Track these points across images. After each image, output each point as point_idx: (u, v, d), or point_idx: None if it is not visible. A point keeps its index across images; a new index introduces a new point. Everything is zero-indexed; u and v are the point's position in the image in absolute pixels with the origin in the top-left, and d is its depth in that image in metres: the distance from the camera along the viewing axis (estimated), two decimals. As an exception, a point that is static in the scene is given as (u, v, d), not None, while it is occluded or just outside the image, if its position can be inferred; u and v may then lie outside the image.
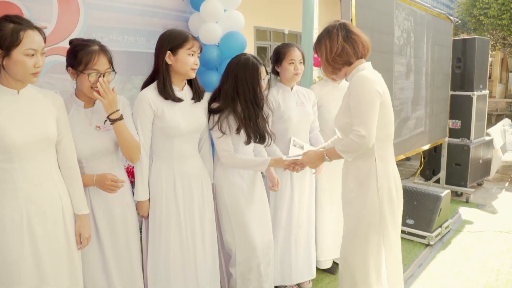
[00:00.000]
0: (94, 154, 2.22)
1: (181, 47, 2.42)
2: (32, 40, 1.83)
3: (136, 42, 3.57)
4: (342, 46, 2.29)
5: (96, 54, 2.13)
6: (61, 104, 2.06)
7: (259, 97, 2.66)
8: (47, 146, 1.96)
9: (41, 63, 1.87)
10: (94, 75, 2.13)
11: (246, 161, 2.66)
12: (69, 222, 2.05)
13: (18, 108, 1.90)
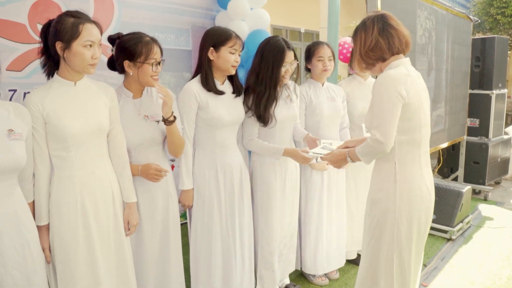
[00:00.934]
0: (142, 144, 2.32)
1: (224, 44, 2.53)
2: (90, 32, 1.93)
3: (166, 39, 3.68)
4: (376, 40, 2.11)
5: (153, 44, 2.25)
6: (113, 95, 2.17)
7: (276, 78, 2.74)
8: (100, 136, 2.07)
9: (98, 54, 1.97)
10: (154, 64, 2.25)
11: (263, 147, 2.78)
12: (118, 209, 2.16)
13: (74, 99, 2.01)
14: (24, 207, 1.87)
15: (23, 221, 1.83)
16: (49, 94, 1.97)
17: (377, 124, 2.04)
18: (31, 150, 1.93)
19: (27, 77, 2.78)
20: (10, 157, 1.74)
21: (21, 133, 1.82)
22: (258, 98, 2.72)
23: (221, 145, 2.63)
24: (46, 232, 1.99)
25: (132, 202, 2.21)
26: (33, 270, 1.84)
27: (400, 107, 2.02)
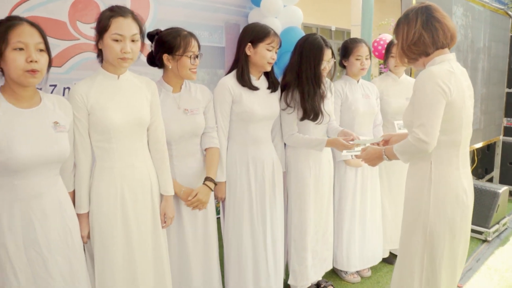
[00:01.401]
0: (182, 136, 2.37)
1: (262, 41, 2.56)
2: (119, 26, 1.95)
3: (199, 36, 3.68)
4: (419, 34, 2.02)
5: (191, 38, 2.31)
6: (155, 89, 2.21)
7: (318, 76, 2.76)
8: (141, 129, 2.11)
9: (128, 49, 1.96)
10: (192, 57, 2.29)
11: (305, 140, 2.78)
12: (156, 201, 2.20)
13: (117, 92, 2.06)
14: (65, 196, 1.92)
15: (65, 209, 1.89)
16: (93, 86, 2.02)
17: (419, 122, 1.96)
18: (72, 141, 1.99)
19: (67, 72, 2.85)
20: (57, 149, 1.79)
21: (64, 125, 1.87)
22: (305, 96, 2.73)
23: (254, 140, 2.66)
24: (85, 220, 2.05)
25: (170, 195, 2.25)
26: (74, 257, 1.89)
27: (444, 106, 1.95)
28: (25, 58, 1.68)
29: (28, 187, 1.75)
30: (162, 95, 2.36)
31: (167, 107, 2.34)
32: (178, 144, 2.38)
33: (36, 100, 1.83)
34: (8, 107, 1.74)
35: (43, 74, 1.76)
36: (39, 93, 1.86)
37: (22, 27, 1.70)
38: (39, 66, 1.70)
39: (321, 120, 2.80)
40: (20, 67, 1.67)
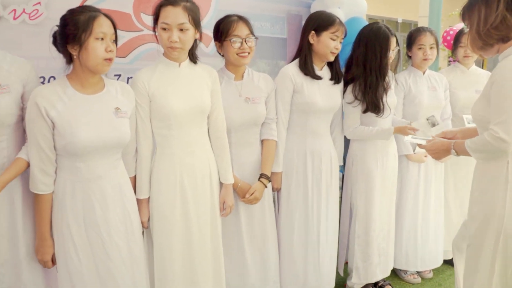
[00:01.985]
0: (242, 124, 2.37)
1: (326, 29, 2.50)
2: (166, 15, 1.99)
3: (261, 27, 3.69)
4: (502, 16, 1.79)
5: (235, 22, 2.28)
6: (216, 77, 2.22)
7: (384, 67, 2.66)
8: (201, 116, 2.13)
9: (175, 38, 1.98)
10: (235, 41, 2.26)
11: (370, 131, 2.70)
12: (215, 189, 2.22)
13: (178, 79, 2.09)
14: (126, 180, 1.98)
15: (125, 193, 1.94)
16: (155, 74, 2.07)
17: (500, 119, 1.75)
18: (134, 127, 2.03)
19: (131, 63, 2.93)
20: (117, 134, 1.86)
21: (126, 111, 1.93)
22: (367, 87, 2.65)
23: (313, 132, 2.61)
24: (146, 205, 2.09)
25: (229, 183, 2.26)
26: (133, 240, 1.95)
27: None
28: (104, 48, 1.76)
29: (89, 170, 1.82)
30: (224, 82, 2.36)
31: (229, 95, 2.34)
32: (237, 132, 2.38)
33: (100, 86, 1.90)
34: (74, 93, 1.82)
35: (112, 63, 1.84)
36: (103, 80, 1.93)
37: (102, 18, 1.79)
38: (114, 55, 1.81)
39: (382, 113, 2.70)
40: (100, 56, 1.76)
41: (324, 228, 2.68)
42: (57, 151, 1.81)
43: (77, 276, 1.83)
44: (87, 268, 1.84)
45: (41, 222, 1.85)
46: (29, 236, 1.90)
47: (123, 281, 1.89)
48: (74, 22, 1.74)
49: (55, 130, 1.77)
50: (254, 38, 2.32)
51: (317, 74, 2.57)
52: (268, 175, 2.44)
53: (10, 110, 1.80)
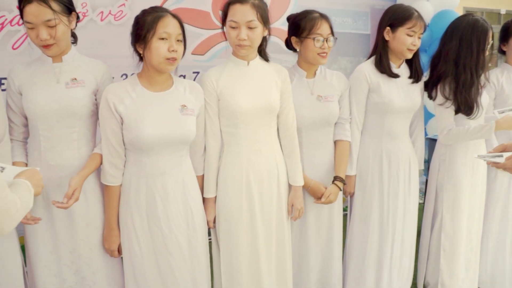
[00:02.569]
0: (314, 123, 2.29)
1: (401, 24, 2.32)
2: (234, 13, 1.96)
3: (343, 23, 3.59)
4: None
5: (319, 20, 2.18)
6: (286, 75, 2.17)
7: (482, 63, 2.42)
8: (269, 115, 2.09)
9: (243, 36, 1.95)
10: (319, 40, 2.17)
11: (468, 131, 2.41)
12: (283, 190, 2.17)
13: (247, 78, 2.07)
14: (192, 178, 2.00)
15: (189, 190, 1.96)
16: (224, 72, 2.07)
17: None
18: (203, 125, 2.05)
19: (209, 60, 2.99)
20: (181, 130, 1.88)
21: (193, 109, 1.94)
22: (460, 86, 2.42)
23: (390, 133, 2.44)
24: (212, 205, 2.10)
25: (298, 185, 2.20)
26: (194, 238, 1.96)
27: None
28: (167, 48, 1.79)
29: (153, 165, 1.87)
30: (295, 80, 2.30)
31: (300, 93, 2.27)
32: (309, 131, 2.30)
33: (168, 84, 1.94)
34: (142, 91, 1.88)
35: (178, 62, 1.87)
36: (172, 78, 1.97)
37: (168, 18, 1.81)
38: (177, 55, 1.82)
39: (475, 114, 2.46)
40: (162, 55, 1.79)
41: (400, 238, 2.52)
42: (126, 146, 1.89)
43: (139, 267, 1.90)
44: (148, 260, 1.90)
45: (109, 213, 1.93)
46: (101, 226, 1.99)
47: (181, 276, 1.91)
48: (142, 22, 1.80)
49: (124, 125, 1.85)
50: (333, 38, 2.23)
51: (394, 72, 2.40)
52: (342, 178, 2.34)
53: (82, 102, 1.90)
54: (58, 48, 1.84)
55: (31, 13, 1.74)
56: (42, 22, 1.75)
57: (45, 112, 1.85)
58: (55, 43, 1.81)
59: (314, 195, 2.30)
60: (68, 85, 1.88)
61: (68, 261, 1.95)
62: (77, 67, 1.93)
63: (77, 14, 1.92)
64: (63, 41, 1.84)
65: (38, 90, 1.86)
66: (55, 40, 1.79)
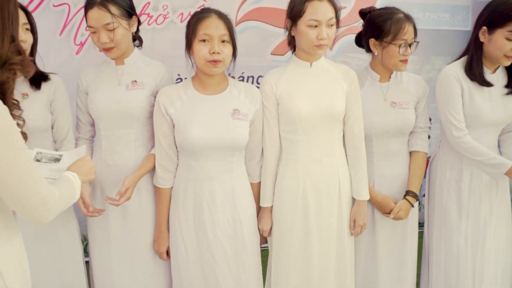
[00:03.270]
0: (386, 132, 2.07)
1: (501, 26, 1.95)
2: (314, 10, 1.81)
3: (438, 19, 3.29)
4: None
5: (405, 23, 1.94)
6: (353, 78, 1.99)
7: None
8: (332, 122, 1.94)
9: (324, 35, 1.81)
10: (403, 46, 1.95)
11: None
12: (345, 204, 2.00)
13: (308, 81, 1.94)
14: (244, 186, 1.93)
15: (239, 198, 1.90)
16: (284, 75, 1.96)
17: None
18: (259, 131, 1.96)
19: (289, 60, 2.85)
20: (231, 135, 1.83)
21: (246, 114, 1.88)
22: None
23: None
24: (268, 214, 2.00)
25: (363, 200, 2.01)
26: (242, 247, 1.89)
27: None
28: (208, 50, 1.77)
29: (201, 169, 1.85)
30: (367, 84, 2.10)
31: (372, 98, 2.07)
32: (380, 141, 2.09)
33: (222, 87, 1.91)
34: (194, 93, 1.88)
35: (226, 64, 1.83)
36: (227, 80, 1.93)
37: (209, 20, 1.78)
38: (221, 57, 1.78)
39: None
40: (203, 57, 1.78)
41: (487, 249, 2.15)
42: (177, 148, 1.90)
43: (184, 271, 1.90)
44: (193, 264, 1.89)
45: (159, 214, 1.95)
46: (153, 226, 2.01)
47: (225, 284, 1.87)
48: (188, 26, 1.83)
49: (174, 128, 1.86)
50: (415, 43, 2.00)
51: (487, 79, 2.06)
52: (416, 193, 2.10)
53: (140, 103, 1.93)
54: (119, 51, 1.89)
55: (92, 17, 1.82)
56: (102, 26, 1.82)
57: (105, 113, 1.93)
58: (115, 46, 1.86)
59: (381, 211, 2.09)
60: (128, 87, 1.94)
61: (120, 258, 2.00)
62: (138, 69, 1.98)
63: (138, 18, 1.97)
64: (122, 44, 1.88)
65: (101, 92, 1.94)
66: (114, 43, 1.85)
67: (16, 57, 1.19)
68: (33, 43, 1.88)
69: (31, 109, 1.84)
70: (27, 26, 1.83)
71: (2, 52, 1.16)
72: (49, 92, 1.93)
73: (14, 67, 1.19)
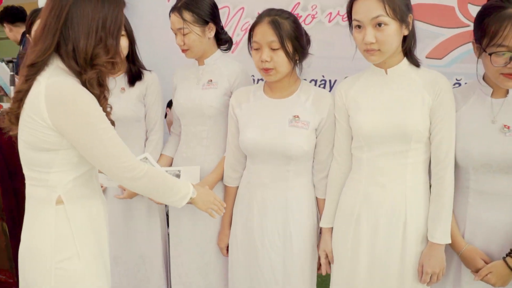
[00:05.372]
0: (488, 165, 1.55)
1: None
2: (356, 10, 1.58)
3: None
4: None
5: (509, 23, 1.40)
6: (442, 90, 1.58)
7: None
8: (404, 141, 1.59)
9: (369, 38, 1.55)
10: (502, 56, 1.43)
11: None
12: (411, 242, 1.61)
13: (382, 90, 1.65)
14: (301, 198, 1.81)
15: (292, 211, 1.79)
16: (357, 82, 1.72)
17: None
18: (328, 142, 1.79)
19: (448, 65, 2.45)
20: (283, 142, 1.74)
21: (307, 122, 1.75)
22: None
23: None
24: (328, 237, 1.79)
25: (437, 242, 1.58)
26: (290, 262, 1.80)
27: None
28: (258, 58, 1.74)
29: (256, 174, 1.84)
30: (473, 98, 1.62)
31: (476, 117, 1.59)
32: (480, 175, 1.57)
33: (291, 91, 1.83)
34: (261, 96, 1.86)
35: (280, 71, 1.74)
36: (299, 85, 1.84)
37: (260, 26, 1.74)
38: (271, 65, 1.72)
39: None
40: (257, 66, 1.76)
41: None
42: None
43: (235, 272, 1.92)
44: (243, 266, 1.89)
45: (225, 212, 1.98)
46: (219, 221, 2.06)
47: None
48: None
49: None
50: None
51: None
52: None
53: (211, 102, 2.01)
54: (193, 53, 2.02)
55: (171, 21, 2.00)
56: (176, 30, 1.98)
57: (183, 109, 2.08)
58: (188, 49, 1.99)
59: (467, 267, 1.60)
60: (204, 87, 2.04)
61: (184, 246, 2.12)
62: (216, 70, 2.06)
63: (216, 26, 2.04)
64: (195, 47, 1.99)
65: (182, 89, 2.10)
66: (187, 46, 1.98)
67: (101, 58, 1.38)
68: (130, 45, 2.19)
69: (125, 101, 2.16)
70: None
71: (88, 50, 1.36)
72: (142, 88, 2.21)
73: (98, 67, 1.39)
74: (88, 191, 1.47)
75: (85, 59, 1.35)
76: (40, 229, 1.41)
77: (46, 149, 1.36)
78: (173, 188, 1.53)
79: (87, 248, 1.44)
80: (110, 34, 1.39)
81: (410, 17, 1.58)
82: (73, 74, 1.37)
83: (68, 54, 1.35)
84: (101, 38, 1.37)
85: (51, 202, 1.40)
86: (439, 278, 1.61)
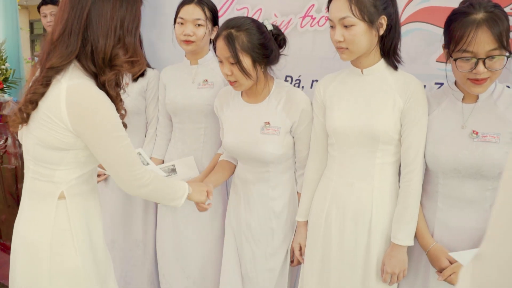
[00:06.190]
0: (457, 171, 1.52)
1: None
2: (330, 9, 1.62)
3: None
4: None
5: (474, 28, 1.37)
6: (413, 93, 1.57)
7: None
8: (372, 142, 1.60)
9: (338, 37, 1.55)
10: (467, 61, 1.41)
11: None
12: (376, 241, 1.63)
13: (356, 90, 1.66)
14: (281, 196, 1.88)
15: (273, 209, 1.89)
16: (335, 80, 1.73)
17: None
18: (304, 141, 1.82)
19: (456, 70, 2.43)
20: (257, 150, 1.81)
21: (278, 128, 1.79)
22: None
23: None
24: (303, 231, 1.82)
25: (400, 245, 1.59)
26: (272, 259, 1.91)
27: None
28: None
29: (241, 171, 1.92)
30: (445, 103, 1.60)
31: (446, 122, 1.57)
32: (448, 180, 1.55)
33: (263, 95, 1.86)
34: (238, 100, 1.91)
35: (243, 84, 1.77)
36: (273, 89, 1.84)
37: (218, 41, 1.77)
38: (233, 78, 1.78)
39: None
40: None
41: None
42: None
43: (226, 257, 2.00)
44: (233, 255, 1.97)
45: None
46: None
47: None
48: None
49: None
50: (503, 58, 1.40)
51: None
52: None
53: (207, 101, 2.09)
54: (196, 46, 2.09)
55: (187, 11, 2.06)
56: (192, 20, 2.04)
57: (179, 107, 2.16)
58: (195, 41, 2.05)
59: (433, 265, 1.58)
60: (200, 86, 2.13)
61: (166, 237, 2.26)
62: (210, 70, 2.14)
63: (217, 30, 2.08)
64: (201, 41, 2.08)
65: (177, 89, 2.18)
66: (196, 37, 2.04)
67: (120, 59, 1.37)
68: None
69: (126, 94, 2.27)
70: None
71: (107, 51, 1.34)
72: (143, 83, 2.33)
73: (117, 68, 1.38)
74: (88, 188, 1.49)
75: (103, 59, 1.33)
76: (39, 222, 1.41)
77: (59, 149, 1.36)
78: (173, 190, 1.58)
79: (84, 243, 1.44)
80: (128, 33, 1.36)
81: (383, 18, 1.56)
82: (90, 75, 1.35)
83: (87, 55, 1.33)
84: (120, 37, 1.35)
85: (54, 197, 1.40)
86: (400, 278, 1.62)
